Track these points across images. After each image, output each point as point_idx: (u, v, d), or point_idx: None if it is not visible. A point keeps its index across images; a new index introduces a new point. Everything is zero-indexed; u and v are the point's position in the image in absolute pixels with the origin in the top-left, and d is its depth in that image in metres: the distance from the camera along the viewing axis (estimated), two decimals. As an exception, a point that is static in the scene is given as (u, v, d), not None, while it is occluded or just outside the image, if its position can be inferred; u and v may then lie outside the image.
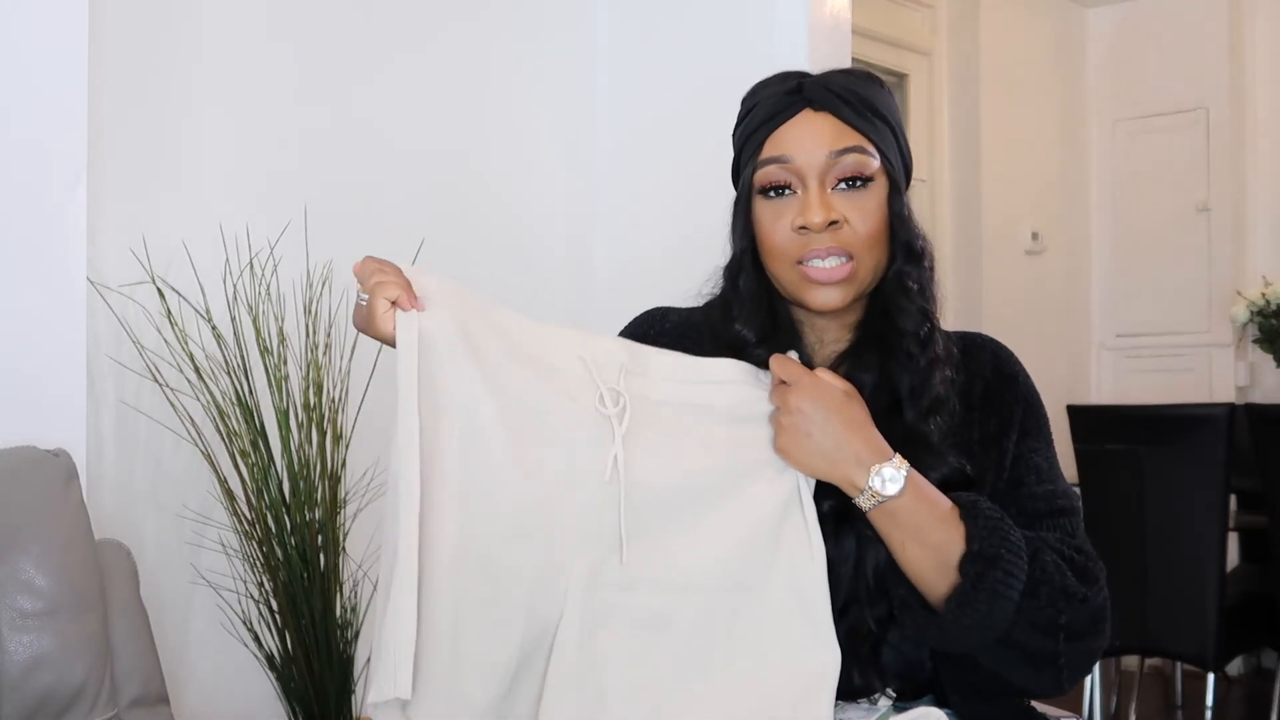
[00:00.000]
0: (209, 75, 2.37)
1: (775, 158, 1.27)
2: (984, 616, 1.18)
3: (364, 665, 2.31)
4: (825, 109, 1.27)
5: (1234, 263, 4.98)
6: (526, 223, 2.98)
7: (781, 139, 1.27)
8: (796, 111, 1.27)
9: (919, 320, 1.30)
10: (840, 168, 1.26)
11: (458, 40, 2.85)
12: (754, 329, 1.31)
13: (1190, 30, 5.04)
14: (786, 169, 1.26)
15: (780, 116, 1.27)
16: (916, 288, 1.30)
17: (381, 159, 2.68)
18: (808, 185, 1.26)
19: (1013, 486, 1.30)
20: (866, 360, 1.31)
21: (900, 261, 1.30)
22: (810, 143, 1.26)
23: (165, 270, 2.20)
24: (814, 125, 1.26)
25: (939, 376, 1.28)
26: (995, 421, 1.33)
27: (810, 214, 1.25)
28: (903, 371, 1.28)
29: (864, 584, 1.25)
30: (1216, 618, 3.38)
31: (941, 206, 4.77)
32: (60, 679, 1.65)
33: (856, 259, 1.26)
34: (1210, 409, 3.45)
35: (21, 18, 1.98)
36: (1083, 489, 3.66)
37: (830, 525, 1.25)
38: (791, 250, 1.26)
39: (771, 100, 1.29)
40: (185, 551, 2.27)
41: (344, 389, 2.29)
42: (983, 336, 1.41)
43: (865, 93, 1.28)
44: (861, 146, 1.26)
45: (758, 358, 1.29)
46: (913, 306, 1.30)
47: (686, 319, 1.40)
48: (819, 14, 2.86)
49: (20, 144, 1.98)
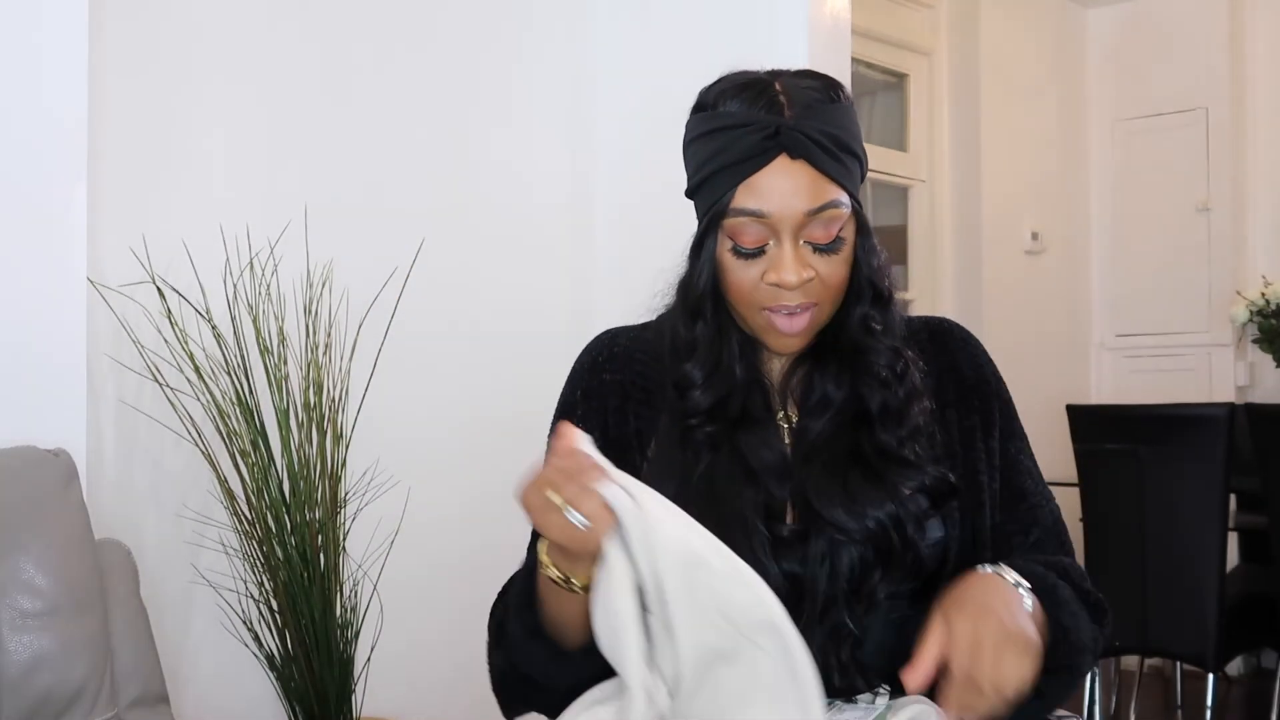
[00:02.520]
0: (209, 75, 2.37)
1: (750, 210, 1.22)
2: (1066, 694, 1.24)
3: (364, 665, 2.31)
4: (802, 156, 1.21)
5: (1234, 263, 4.98)
6: (526, 222, 2.98)
7: (757, 189, 1.21)
8: (772, 158, 1.21)
9: (891, 357, 1.29)
10: (813, 229, 1.22)
11: (457, 41, 2.85)
12: (704, 371, 1.30)
13: (1190, 30, 5.04)
14: (761, 224, 1.22)
15: (755, 162, 1.21)
16: (881, 329, 1.29)
17: (381, 159, 2.68)
18: (781, 241, 1.22)
19: (1014, 497, 1.31)
20: (831, 373, 1.30)
21: (866, 305, 1.29)
22: (787, 197, 1.21)
23: (165, 270, 2.20)
24: (791, 177, 1.21)
25: (917, 408, 1.28)
26: (975, 419, 1.33)
27: (785, 273, 1.22)
28: (874, 393, 1.28)
29: (840, 584, 1.24)
30: (1216, 618, 3.38)
31: (941, 206, 4.77)
32: (60, 679, 1.65)
33: (819, 306, 1.26)
34: (1210, 409, 3.45)
35: (21, 18, 1.98)
36: (1082, 489, 3.66)
37: (796, 537, 1.24)
38: (759, 299, 1.25)
39: (745, 140, 1.22)
40: (185, 551, 2.27)
41: (344, 389, 2.29)
42: (948, 322, 1.40)
43: (837, 130, 1.23)
44: (836, 200, 1.22)
45: (695, 399, 1.28)
46: (881, 346, 1.29)
47: (637, 338, 1.39)
48: (819, 14, 2.86)
49: (20, 144, 1.98)
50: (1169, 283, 5.11)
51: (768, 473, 1.27)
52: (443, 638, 2.47)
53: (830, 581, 1.24)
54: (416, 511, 2.51)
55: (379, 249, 2.55)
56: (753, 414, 1.30)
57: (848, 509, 1.24)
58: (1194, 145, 5.04)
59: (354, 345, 2.34)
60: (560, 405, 1.40)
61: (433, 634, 2.59)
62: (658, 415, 1.33)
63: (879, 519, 1.23)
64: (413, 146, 2.74)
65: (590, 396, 1.37)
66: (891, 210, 4.74)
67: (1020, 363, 4.56)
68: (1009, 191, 4.87)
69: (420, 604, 2.55)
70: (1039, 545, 1.30)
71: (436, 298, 2.65)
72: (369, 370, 2.35)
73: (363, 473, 2.35)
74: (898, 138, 4.72)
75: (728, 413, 1.29)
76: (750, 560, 1.21)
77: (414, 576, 2.52)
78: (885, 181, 4.63)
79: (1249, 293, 4.76)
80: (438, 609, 2.61)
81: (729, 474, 1.27)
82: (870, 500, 1.24)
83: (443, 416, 2.74)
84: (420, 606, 2.55)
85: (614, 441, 1.34)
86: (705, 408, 1.29)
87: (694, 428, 1.29)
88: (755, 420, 1.30)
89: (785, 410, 1.33)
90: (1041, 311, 5.02)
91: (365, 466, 2.36)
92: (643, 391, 1.35)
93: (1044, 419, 4.03)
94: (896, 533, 1.23)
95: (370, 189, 2.64)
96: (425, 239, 2.56)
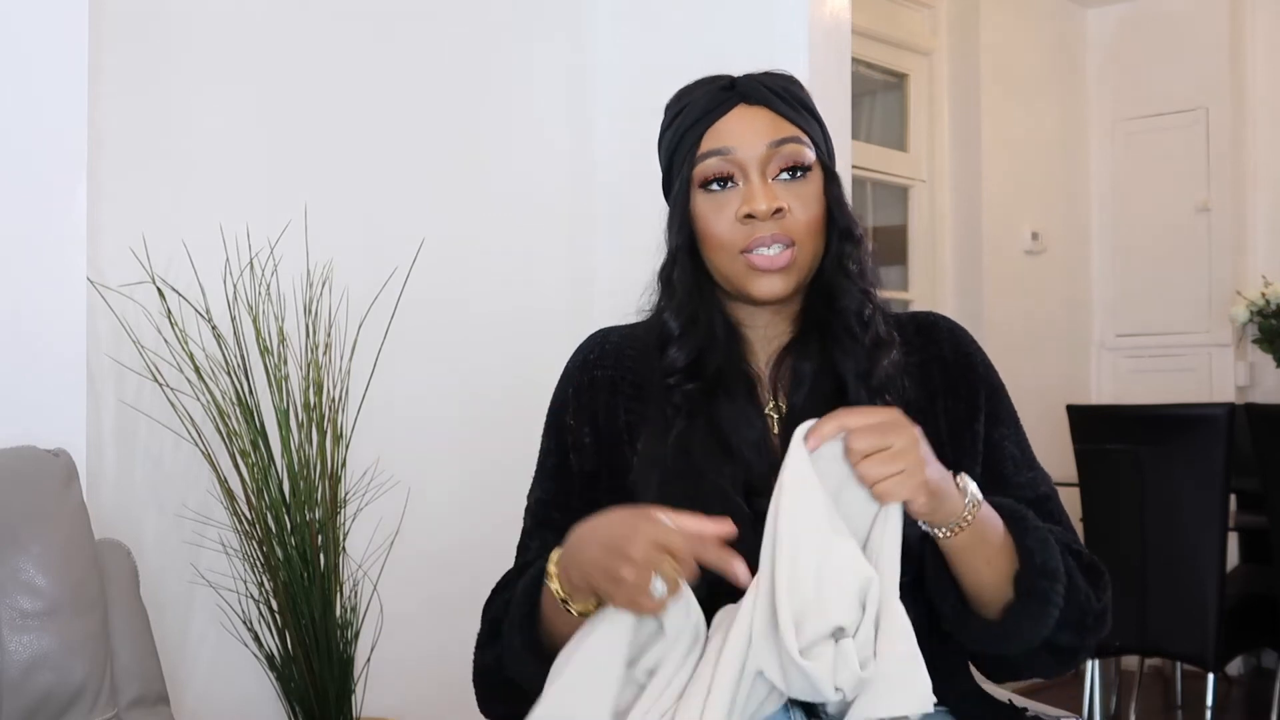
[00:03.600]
0: (209, 75, 2.37)
1: (715, 150, 1.29)
2: (1038, 624, 1.21)
3: (364, 665, 2.31)
4: (759, 103, 1.29)
5: (1234, 263, 4.98)
6: (527, 222, 2.98)
7: (720, 132, 1.29)
8: (731, 106, 1.29)
9: (860, 300, 1.31)
10: (780, 157, 1.28)
11: (457, 40, 2.85)
12: (680, 319, 1.31)
13: (1190, 30, 5.04)
14: (727, 160, 1.28)
15: (715, 112, 1.29)
16: (856, 269, 1.31)
17: (381, 159, 2.68)
18: (749, 176, 1.28)
19: (994, 481, 1.31)
20: (808, 349, 1.32)
21: (839, 244, 1.32)
22: (749, 135, 1.28)
23: (165, 270, 2.20)
24: (750, 118, 1.29)
25: (886, 358, 1.30)
26: (962, 407, 1.33)
27: (756, 202, 1.26)
28: (847, 356, 1.29)
29: None
30: (1216, 618, 3.38)
31: (941, 206, 4.77)
32: (60, 679, 1.65)
33: (798, 245, 1.27)
34: (1210, 409, 3.45)
35: (21, 18, 1.98)
36: (1082, 489, 3.66)
37: None
38: (736, 240, 1.28)
39: (704, 98, 1.31)
40: (185, 551, 2.27)
41: (344, 389, 2.29)
42: (935, 314, 1.41)
43: (793, 89, 1.32)
44: (797, 137, 1.29)
45: (672, 356, 1.30)
46: (854, 288, 1.31)
47: (629, 335, 1.40)
48: (819, 14, 2.86)
49: (20, 144, 1.98)
50: (1169, 283, 5.11)
51: (747, 447, 1.28)
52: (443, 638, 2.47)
53: None
54: (416, 511, 2.51)
55: (379, 249, 2.55)
56: (735, 396, 1.30)
57: None
58: (1194, 145, 5.04)
59: (354, 345, 2.34)
60: (553, 404, 1.41)
61: (433, 634, 2.59)
62: (648, 409, 1.34)
63: None
64: (413, 146, 2.74)
65: (581, 393, 1.38)
66: (891, 210, 4.73)
67: (1020, 363, 4.58)
68: (1009, 191, 4.87)
69: (420, 604, 2.55)
70: None
71: (436, 297, 2.65)
72: (369, 370, 2.35)
73: (363, 473, 2.35)
74: (898, 138, 4.72)
75: (705, 370, 1.30)
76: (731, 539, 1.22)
77: (414, 576, 2.52)
78: (885, 181, 4.63)
79: (1249, 293, 4.76)
80: (438, 609, 2.61)
81: (706, 447, 1.28)
82: None
83: (443, 416, 2.74)
84: (420, 606, 2.55)
85: (604, 436, 1.35)
86: (683, 365, 1.30)
87: (672, 388, 1.30)
88: (736, 399, 1.30)
89: (775, 401, 1.33)
90: (1041, 311, 5.02)
91: (365, 466, 2.36)
92: (633, 386, 1.36)
93: (1044, 419, 4.04)
94: None
95: (370, 189, 2.64)
96: (425, 239, 2.56)
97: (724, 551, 1.10)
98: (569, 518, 1.34)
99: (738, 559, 1.09)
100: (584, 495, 1.35)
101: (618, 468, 1.33)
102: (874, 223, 4.68)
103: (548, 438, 1.40)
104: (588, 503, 1.33)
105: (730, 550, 1.10)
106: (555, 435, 1.39)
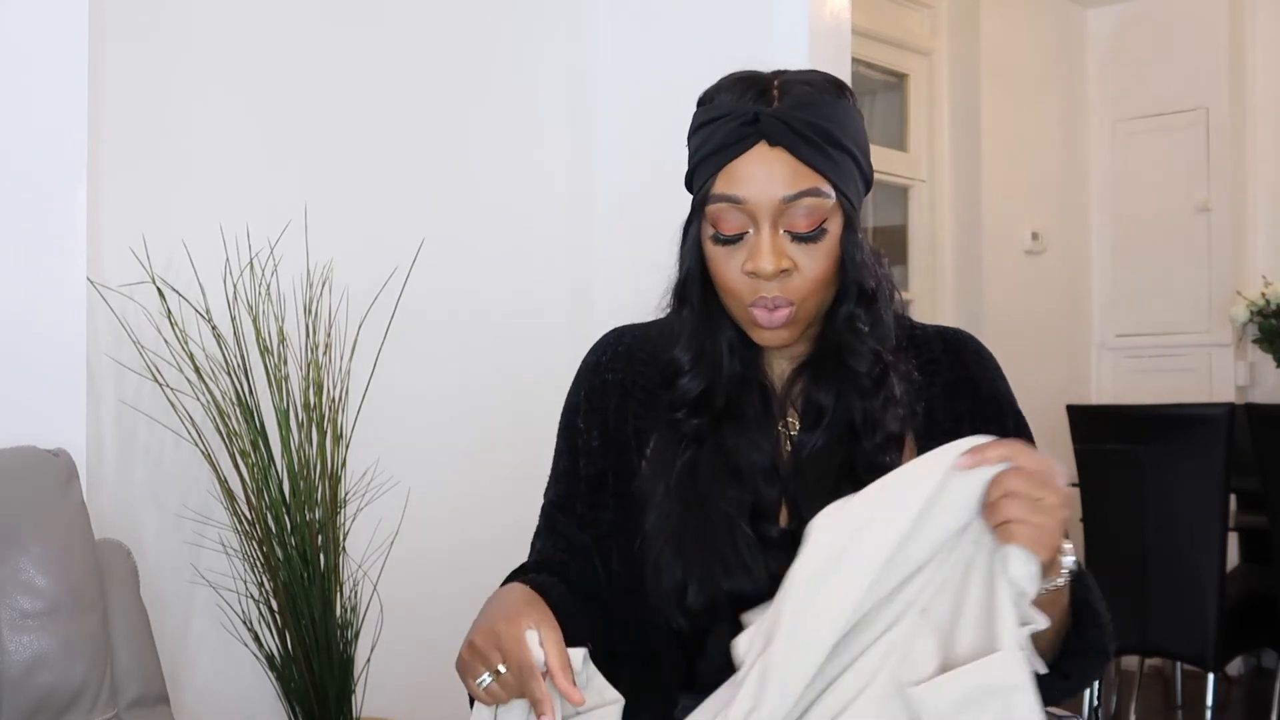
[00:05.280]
0: (209, 75, 2.37)
1: (728, 196, 1.21)
2: (1094, 674, 1.25)
3: (364, 665, 2.31)
4: (781, 145, 1.20)
5: (1234, 263, 4.98)
6: (527, 222, 2.98)
7: (735, 175, 1.21)
8: (751, 145, 1.21)
9: (870, 362, 1.27)
10: (792, 216, 1.20)
11: (457, 40, 2.85)
12: (690, 353, 1.29)
13: (1190, 30, 5.04)
14: (739, 210, 1.21)
15: (735, 148, 1.21)
16: (867, 329, 1.27)
17: (381, 159, 2.67)
18: (759, 228, 1.21)
19: None
20: (824, 379, 1.29)
21: (851, 303, 1.27)
22: (763, 183, 1.20)
23: (165, 270, 2.20)
24: (768, 164, 1.20)
25: (891, 414, 1.27)
26: (989, 431, 1.30)
27: (760, 261, 1.21)
28: (857, 402, 1.27)
29: None
30: (1216, 618, 3.39)
31: (941, 206, 4.77)
32: (60, 679, 1.65)
33: (798, 304, 1.23)
34: (1210, 409, 3.45)
35: (21, 17, 1.98)
36: (1083, 489, 3.66)
37: (785, 541, 1.21)
38: (742, 292, 1.24)
39: (726, 128, 1.22)
40: (185, 551, 2.27)
41: (344, 389, 2.29)
42: (963, 334, 1.38)
43: (825, 122, 1.21)
44: (817, 188, 1.20)
45: (682, 387, 1.28)
46: (864, 348, 1.27)
47: (642, 336, 1.38)
48: (819, 14, 2.86)
49: (20, 144, 1.98)
50: (1169, 283, 5.11)
51: (755, 472, 1.26)
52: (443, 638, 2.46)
53: None
54: (416, 511, 2.51)
55: (379, 249, 2.55)
56: (746, 414, 1.29)
57: None
58: (1194, 145, 5.04)
59: (354, 345, 2.34)
60: (566, 406, 1.40)
61: (433, 634, 2.58)
62: (658, 414, 1.32)
63: None
64: (413, 146, 2.74)
65: (592, 396, 1.37)
66: (891, 210, 4.74)
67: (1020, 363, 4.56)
68: (1009, 191, 4.87)
69: (420, 604, 2.55)
70: None
71: (436, 298, 2.65)
72: (369, 370, 2.35)
73: (363, 473, 2.35)
74: (898, 138, 4.72)
75: (713, 404, 1.28)
76: (735, 560, 1.21)
77: (414, 576, 2.51)
78: (885, 181, 4.63)
79: (1249, 293, 4.76)
80: (438, 609, 2.60)
81: (713, 471, 1.26)
82: None
83: (443, 416, 2.74)
84: (420, 606, 2.55)
85: (613, 440, 1.34)
86: (691, 397, 1.28)
87: (680, 420, 1.28)
88: (748, 421, 1.28)
89: (787, 419, 1.31)
90: (1041, 311, 5.02)
91: (365, 466, 2.36)
92: (643, 391, 1.34)
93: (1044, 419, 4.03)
94: None
95: (370, 189, 2.64)
96: (425, 239, 2.56)
97: (546, 697, 1.09)
98: (573, 523, 1.34)
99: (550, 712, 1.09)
100: (589, 499, 1.34)
101: (624, 472, 1.32)
102: (874, 223, 4.68)
103: (561, 439, 1.39)
104: (592, 506, 1.33)
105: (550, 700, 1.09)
106: (567, 437, 1.38)
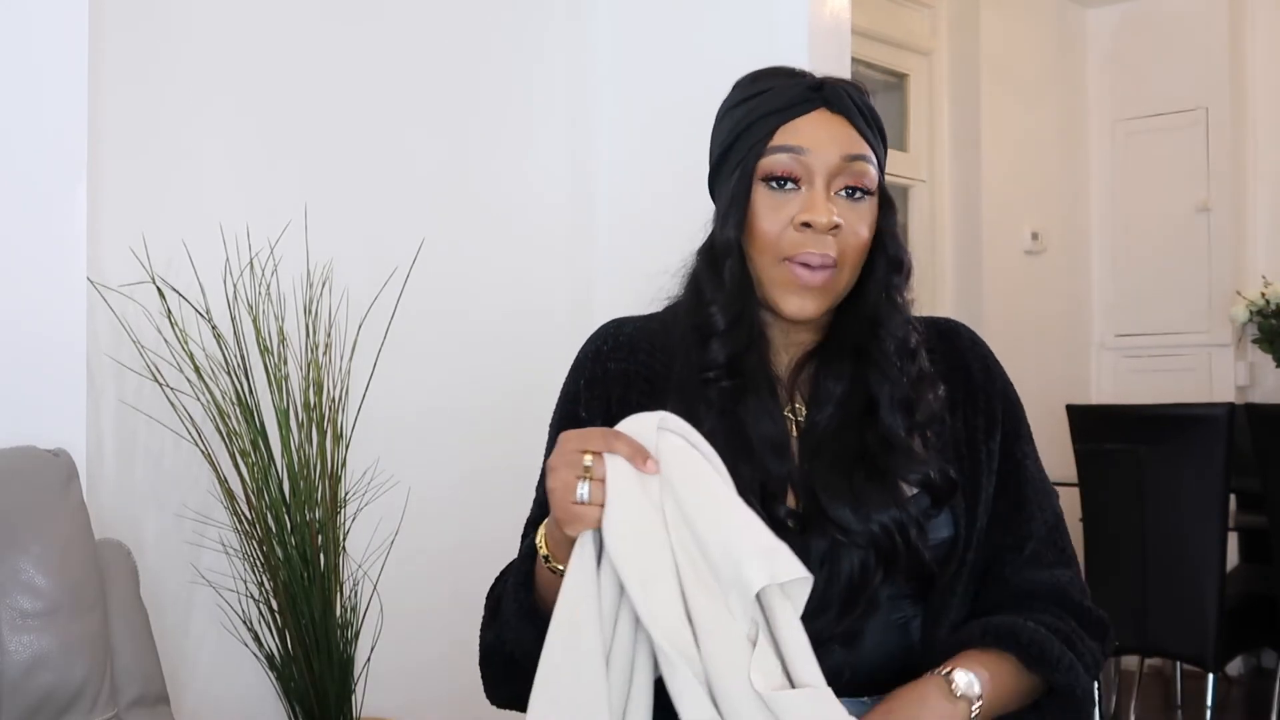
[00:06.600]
0: (209, 75, 2.37)
1: (788, 146, 1.25)
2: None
3: (364, 665, 2.31)
4: (841, 113, 1.26)
5: (1234, 263, 4.98)
6: (527, 222, 2.98)
7: (797, 130, 1.25)
8: (814, 108, 1.26)
9: (906, 331, 1.29)
10: (849, 173, 1.25)
11: (458, 40, 2.85)
12: (728, 316, 1.28)
13: (1190, 30, 5.04)
14: (798, 160, 1.24)
15: (797, 109, 1.26)
16: (902, 300, 1.30)
17: (381, 159, 2.68)
18: (814, 183, 1.24)
19: (1014, 508, 1.30)
20: (836, 367, 1.29)
21: (887, 273, 1.29)
22: (826, 141, 1.24)
23: (165, 270, 2.20)
24: (830, 125, 1.26)
25: (931, 393, 1.28)
26: (981, 420, 1.32)
27: (817, 212, 1.23)
28: (884, 381, 1.27)
29: (837, 591, 1.21)
30: (1216, 618, 3.38)
31: (941, 206, 4.77)
32: (60, 679, 1.65)
33: (839, 269, 1.25)
34: (1210, 409, 3.45)
35: (21, 18, 1.98)
36: (1082, 489, 3.66)
37: (795, 529, 1.22)
38: (784, 246, 1.24)
39: (788, 90, 1.27)
40: (185, 551, 2.27)
41: (344, 389, 2.29)
42: (954, 322, 1.40)
43: (873, 108, 1.29)
44: (867, 156, 1.26)
45: (714, 350, 1.27)
46: (900, 317, 1.29)
47: (643, 327, 1.37)
48: (819, 14, 2.86)
49: (20, 144, 1.98)
50: (1169, 283, 5.11)
51: (765, 445, 1.25)
52: (443, 638, 2.47)
53: (827, 585, 1.21)
54: (416, 511, 2.52)
55: (379, 249, 2.55)
56: (760, 392, 1.28)
57: (854, 509, 1.22)
58: (1194, 145, 5.04)
59: (354, 345, 2.34)
60: (563, 395, 1.38)
61: (433, 634, 2.59)
62: (661, 405, 1.32)
63: (883, 523, 1.21)
64: (413, 146, 2.74)
65: (594, 385, 1.34)
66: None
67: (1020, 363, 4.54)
68: (1009, 191, 4.88)
69: (420, 604, 2.55)
70: (1035, 558, 1.29)
71: (436, 298, 2.65)
72: (369, 370, 2.35)
73: (363, 473, 2.35)
74: (898, 138, 4.71)
75: (743, 368, 1.27)
76: None
77: (414, 576, 2.52)
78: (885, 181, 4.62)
79: (1249, 293, 4.76)
80: (438, 609, 2.61)
81: (729, 445, 1.24)
82: (875, 503, 1.22)
83: (443, 416, 2.74)
84: (420, 606, 2.55)
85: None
86: (723, 360, 1.27)
87: (710, 381, 1.27)
88: (762, 398, 1.28)
89: (793, 404, 1.31)
90: (1041, 311, 5.02)
91: (365, 466, 2.36)
92: (646, 381, 1.33)
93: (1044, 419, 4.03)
94: (900, 536, 1.22)
95: (370, 189, 2.64)
96: (425, 239, 2.56)
97: (638, 445, 1.09)
98: None
99: (650, 457, 1.08)
100: None
101: None
102: (874, 223, 4.68)
103: (556, 428, 1.36)
104: None
105: (642, 447, 1.09)
106: (564, 427, 1.37)
